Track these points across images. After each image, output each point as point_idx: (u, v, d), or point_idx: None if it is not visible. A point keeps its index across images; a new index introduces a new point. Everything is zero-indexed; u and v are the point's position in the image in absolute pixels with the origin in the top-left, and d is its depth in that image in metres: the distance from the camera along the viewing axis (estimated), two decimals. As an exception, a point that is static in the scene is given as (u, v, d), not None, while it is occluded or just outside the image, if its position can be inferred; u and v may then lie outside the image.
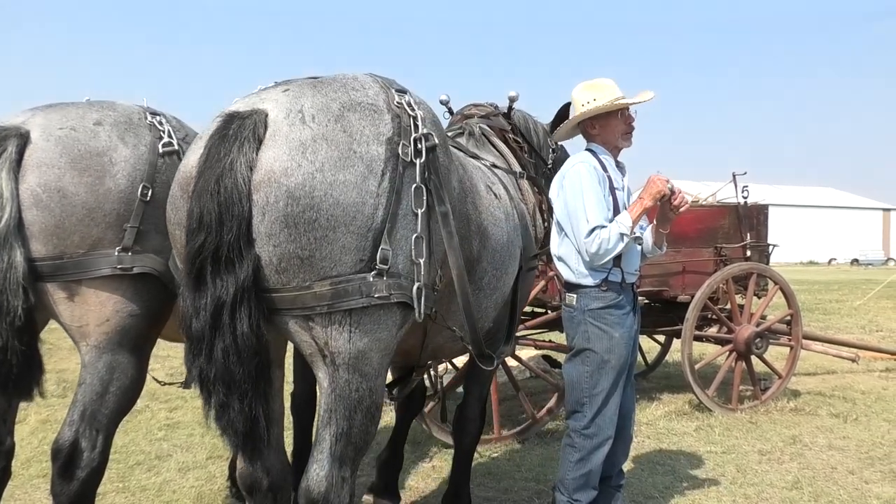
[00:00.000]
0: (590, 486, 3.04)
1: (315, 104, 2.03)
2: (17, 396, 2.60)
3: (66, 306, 2.49)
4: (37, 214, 2.40)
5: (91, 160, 2.46)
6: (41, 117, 2.53)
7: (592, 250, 2.89)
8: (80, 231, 2.44)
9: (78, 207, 2.42)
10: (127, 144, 2.56)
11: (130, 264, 2.49)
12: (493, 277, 2.70)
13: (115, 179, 2.49)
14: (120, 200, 2.49)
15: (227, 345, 1.88)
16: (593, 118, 3.09)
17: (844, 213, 70.15)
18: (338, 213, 1.94)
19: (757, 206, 6.44)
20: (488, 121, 3.53)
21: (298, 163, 1.92)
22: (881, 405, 5.98)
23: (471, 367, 3.52)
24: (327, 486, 2.02)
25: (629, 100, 3.05)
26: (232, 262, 1.88)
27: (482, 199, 2.62)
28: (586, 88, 3.09)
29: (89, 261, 2.45)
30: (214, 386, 1.91)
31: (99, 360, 2.51)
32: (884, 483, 4.10)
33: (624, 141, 3.13)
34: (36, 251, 2.41)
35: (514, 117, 3.70)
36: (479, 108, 3.65)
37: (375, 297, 2.01)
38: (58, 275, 2.44)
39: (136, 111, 2.72)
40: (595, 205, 2.92)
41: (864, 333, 10.67)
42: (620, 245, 2.87)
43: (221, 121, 1.99)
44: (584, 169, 2.99)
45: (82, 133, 2.50)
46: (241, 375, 1.91)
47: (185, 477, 4.27)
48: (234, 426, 1.94)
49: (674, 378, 7.12)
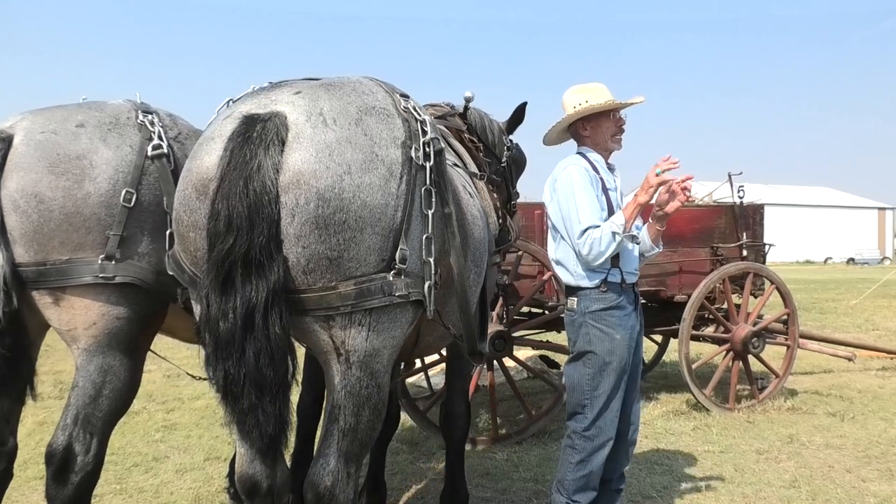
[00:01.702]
0: (589, 487, 3.04)
1: (333, 107, 2.04)
2: (5, 399, 2.58)
3: (54, 311, 2.48)
4: (16, 220, 2.38)
5: (70, 164, 2.42)
6: (28, 121, 2.50)
7: (584, 251, 2.90)
8: (60, 236, 2.40)
9: (56, 212, 2.38)
10: (109, 146, 2.49)
11: (113, 273, 2.44)
12: (476, 274, 2.75)
13: (95, 183, 2.43)
14: (101, 205, 2.43)
15: (260, 347, 1.88)
16: (585, 120, 3.11)
17: (840, 213, 70.28)
18: (365, 215, 1.97)
19: (753, 205, 6.46)
20: (445, 121, 3.54)
21: (326, 165, 1.94)
22: (878, 404, 6.00)
23: (454, 364, 3.54)
24: (333, 480, 2.05)
25: (621, 101, 3.08)
26: (262, 265, 1.88)
27: (463, 198, 2.66)
28: (578, 91, 3.12)
29: (71, 268, 2.42)
30: (244, 389, 1.90)
31: (90, 363, 2.48)
32: (881, 481, 4.11)
33: (614, 143, 3.16)
34: (19, 256, 2.40)
35: (470, 117, 3.71)
36: (436, 108, 3.66)
37: (396, 295, 2.05)
38: (41, 281, 2.42)
39: (125, 110, 2.65)
40: (587, 205, 2.93)
41: (860, 332, 10.70)
42: (613, 245, 2.87)
43: (240, 123, 1.97)
44: (574, 171, 3.00)
45: (62, 136, 2.46)
46: (273, 377, 1.91)
47: (182, 478, 4.26)
48: (261, 429, 1.93)
49: (671, 378, 7.13)
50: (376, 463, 3.77)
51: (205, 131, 2.18)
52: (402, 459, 4.60)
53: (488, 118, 3.86)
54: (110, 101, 2.73)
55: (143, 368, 2.69)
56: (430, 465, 4.53)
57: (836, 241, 65.93)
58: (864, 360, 7.79)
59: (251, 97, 2.14)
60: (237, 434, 2.00)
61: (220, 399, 1.96)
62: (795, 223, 61.67)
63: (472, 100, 3.71)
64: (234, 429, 1.98)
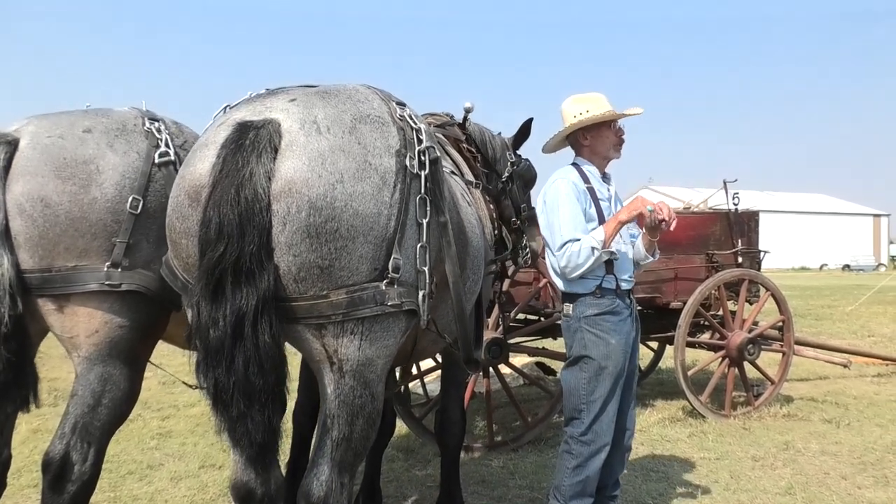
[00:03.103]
0: (586, 493, 3.04)
1: (328, 115, 2.04)
2: (9, 406, 2.56)
3: (56, 317, 2.46)
4: (21, 224, 2.37)
5: (76, 168, 2.40)
6: (34, 125, 2.49)
7: (562, 264, 2.97)
8: (65, 242, 2.39)
9: (62, 217, 2.37)
10: (116, 152, 2.48)
11: (119, 281, 2.43)
12: (473, 283, 2.76)
13: (101, 188, 2.42)
14: (107, 210, 2.42)
15: (250, 356, 1.88)
16: (585, 129, 3.13)
17: (835, 219, 70.49)
18: (357, 224, 1.96)
19: (748, 212, 6.49)
20: (444, 130, 3.57)
21: (319, 173, 1.93)
22: (873, 410, 6.01)
23: (449, 371, 3.55)
24: (327, 490, 2.03)
25: (624, 111, 3.11)
26: (252, 273, 1.87)
27: (461, 206, 2.67)
28: (578, 101, 3.14)
29: (77, 275, 2.41)
30: (233, 397, 1.90)
31: (90, 371, 2.46)
32: (876, 488, 4.12)
33: (615, 152, 3.20)
34: (24, 262, 2.39)
35: (469, 128, 3.74)
36: (435, 117, 3.69)
37: (388, 304, 2.04)
38: (46, 287, 2.41)
39: (131, 117, 2.65)
40: (569, 220, 2.97)
41: (855, 339, 10.72)
42: (591, 259, 2.90)
43: (234, 130, 1.97)
44: (562, 185, 3.05)
45: (69, 141, 2.45)
46: (262, 386, 1.90)
47: (177, 486, 4.24)
48: (251, 437, 1.93)
49: (667, 384, 7.13)
50: (372, 470, 3.76)
51: (200, 138, 2.18)
52: (397, 467, 4.60)
53: (490, 133, 3.89)
54: (116, 108, 2.72)
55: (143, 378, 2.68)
56: (425, 472, 4.52)
57: (832, 247, 66.14)
58: (860, 366, 7.81)
59: (247, 104, 2.14)
60: (229, 441, 1.99)
61: (211, 406, 1.96)
62: (791, 230, 61.80)
63: (472, 110, 3.73)
64: (225, 436, 1.98)
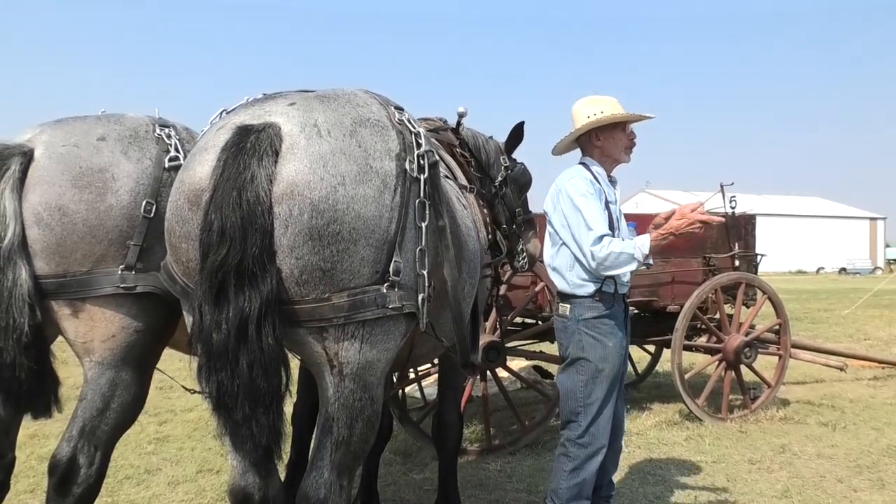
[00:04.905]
0: (583, 496, 3.05)
1: (328, 119, 2.05)
2: (31, 413, 2.56)
3: (71, 323, 2.48)
4: (39, 233, 2.39)
5: (92, 177, 2.44)
6: (47, 134, 2.51)
7: (601, 255, 2.88)
8: (83, 249, 2.41)
9: (79, 225, 2.40)
10: (130, 159, 2.52)
11: (134, 283, 2.46)
12: (470, 286, 2.77)
13: (117, 196, 2.45)
14: (123, 217, 2.45)
15: (254, 359, 1.87)
16: (598, 130, 3.13)
17: (832, 223, 70.63)
18: (359, 226, 1.97)
19: (745, 215, 6.52)
20: (437, 135, 3.58)
21: (320, 176, 1.94)
22: (869, 413, 6.03)
23: (446, 375, 3.56)
24: (326, 493, 2.03)
25: (639, 113, 3.12)
26: (255, 276, 1.87)
27: (457, 210, 2.68)
28: (591, 102, 3.15)
29: (93, 279, 2.43)
30: (237, 400, 1.89)
31: (102, 376, 2.48)
32: (872, 491, 4.13)
33: (626, 155, 3.20)
34: (40, 269, 2.40)
35: (463, 133, 3.76)
36: (429, 122, 3.70)
37: (389, 307, 2.05)
38: (61, 292, 2.43)
39: (143, 124, 2.68)
40: (598, 214, 2.95)
41: (851, 342, 10.74)
42: (629, 266, 2.89)
43: (234, 133, 1.97)
44: (580, 181, 3.03)
45: (84, 149, 2.48)
46: (267, 388, 1.91)
47: (174, 491, 4.24)
48: (255, 440, 1.93)
49: (664, 388, 7.14)
50: (369, 474, 3.77)
51: (198, 142, 2.19)
52: (395, 470, 4.60)
53: (483, 137, 3.90)
54: (128, 115, 2.74)
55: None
56: (423, 475, 4.52)
57: (828, 251, 66.29)
58: (856, 369, 7.83)
59: (245, 108, 2.15)
60: (230, 446, 1.99)
61: (213, 410, 1.95)
62: (787, 233, 61.99)
63: (465, 115, 3.75)
64: (227, 440, 1.97)
